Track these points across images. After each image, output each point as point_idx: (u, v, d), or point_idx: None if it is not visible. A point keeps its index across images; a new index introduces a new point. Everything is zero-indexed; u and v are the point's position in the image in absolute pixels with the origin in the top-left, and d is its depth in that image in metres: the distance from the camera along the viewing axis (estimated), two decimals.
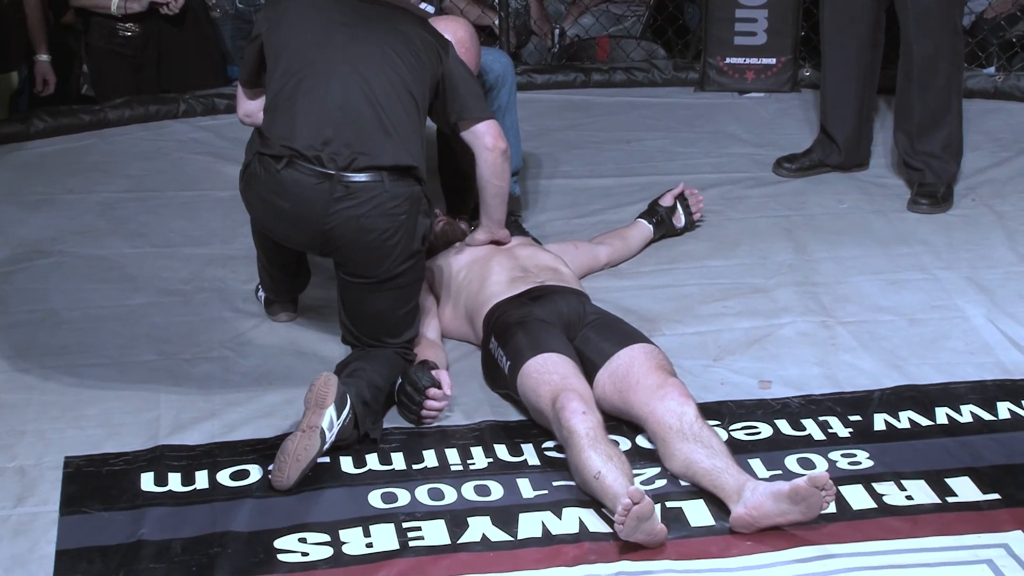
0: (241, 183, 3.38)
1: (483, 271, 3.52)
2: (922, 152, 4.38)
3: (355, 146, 3.22)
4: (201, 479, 2.98)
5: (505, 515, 2.85)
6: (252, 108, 3.45)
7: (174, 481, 2.97)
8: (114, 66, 5.27)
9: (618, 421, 3.14)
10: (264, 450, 3.05)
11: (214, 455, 3.07)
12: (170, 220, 4.34)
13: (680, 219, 4.14)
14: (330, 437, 2.95)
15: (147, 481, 2.97)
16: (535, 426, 3.16)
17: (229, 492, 2.93)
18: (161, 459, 3.05)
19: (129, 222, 4.34)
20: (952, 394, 3.29)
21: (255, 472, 3.00)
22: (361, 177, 3.21)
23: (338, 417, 2.96)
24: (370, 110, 3.24)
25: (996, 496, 2.88)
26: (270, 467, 2.95)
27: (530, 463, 3.04)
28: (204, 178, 4.64)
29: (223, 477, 2.99)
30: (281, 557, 2.73)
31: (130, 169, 4.77)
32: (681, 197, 4.14)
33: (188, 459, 3.05)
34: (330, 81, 3.26)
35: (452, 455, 3.07)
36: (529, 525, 2.82)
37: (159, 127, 5.13)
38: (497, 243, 3.64)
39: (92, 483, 2.96)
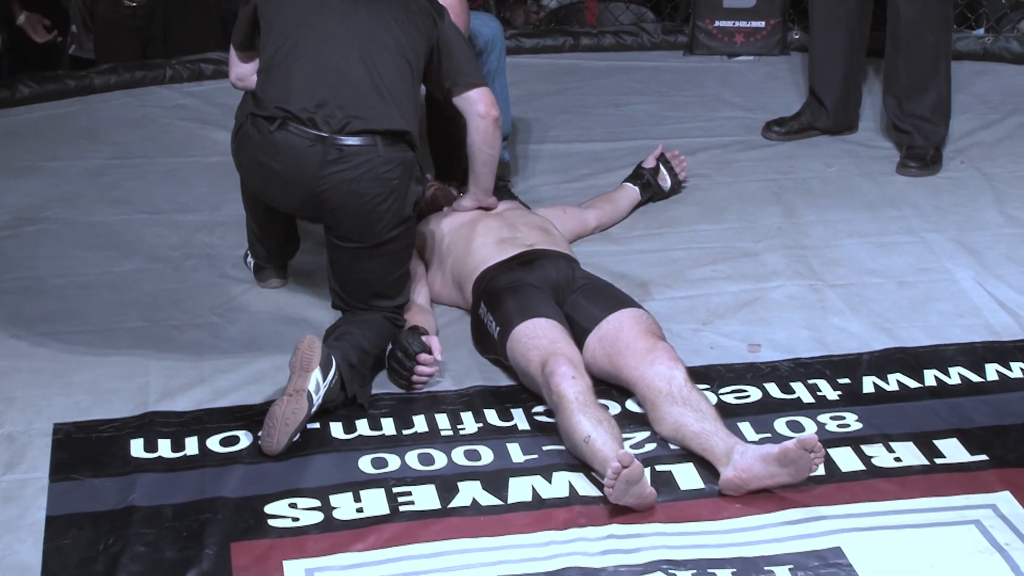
0: (233, 145, 3.37)
1: (469, 234, 3.51)
2: (911, 115, 4.38)
3: (349, 109, 3.21)
4: (191, 445, 2.98)
5: (495, 479, 2.86)
6: (244, 71, 3.44)
7: (164, 447, 2.97)
8: (121, 39, 5.22)
9: (607, 385, 3.14)
10: (253, 416, 3.05)
11: (203, 421, 3.07)
12: (157, 187, 4.32)
13: (666, 180, 4.14)
14: (317, 400, 2.95)
15: (137, 447, 2.97)
16: (525, 391, 3.16)
17: (219, 458, 2.94)
18: (151, 425, 3.05)
19: (116, 189, 4.32)
20: (940, 356, 3.30)
21: (245, 438, 3.00)
22: (354, 140, 3.20)
23: (324, 380, 2.96)
24: (365, 74, 3.23)
25: (984, 457, 2.89)
26: (259, 433, 2.95)
27: (520, 428, 3.05)
28: (191, 144, 4.62)
29: (213, 443, 2.99)
30: (271, 522, 2.73)
31: (117, 136, 4.74)
32: (663, 158, 4.14)
33: (178, 425, 3.05)
34: (326, 44, 3.25)
35: (442, 420, 3.08)
36: (519, 489, 2.83)
37: (145, 93, 5.10)
38: (484, 210, 3.64)
39: (81, 450, 2.97)
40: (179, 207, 4.18)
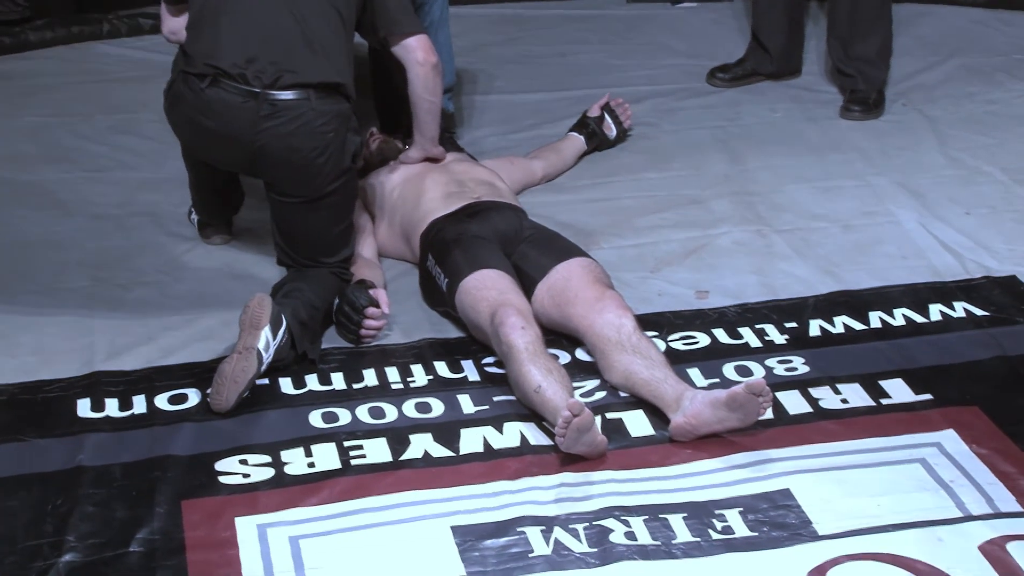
0: (165, 103, 3.34)
1: (417, 188, 3.50)
2: (854, 58, 4.39)
3: (280, 64, 3.18)
4: (139, 404, 2.96)
5: (446, 431, 2.86)
6: (176, 25, 3.40)
7: (111, 407, 2.95)
8: None
9: (557, 335, 3.15)
10: (202, 373, 3.04)
11: (151, 380, 3.05)
12: (99, 144, 4.27)
13: (611, 129, 4.14)
14: (267, 358, 2.94)
15: (84, 407, 2.95)
16: (474, 342, 3.17)
17: (168, 416, 2.92)
18: (97, 385, 3.02)
19: (57, 147, 4.26)
20: (885, 298, 3.33)
21: (193, 396, 2.99)
22: (287, 95, 3.18)
23: (274, 337, 2.95)
24: (295, 27, 3.20)
25: (929, 396, 2.93)
26: (208, 390, 2.94)
27: (470, 379, 3.06)
28: (132, 101, 4.56)
29: (161, 401, 2.97)
30: (222, 479, 2.73)
31: (56, 93, 4.67)
32: (608, 107, 4.14)
33: (125, 384, 3.03)
34: None
35: (392, 373, 3.08)
36: (471, 440, 2.84)
37: (83, 48, 5.02)
38: (432, 160, 3.62)
39: (28, 410, 2.94)
40: (121, 164, 4.14)
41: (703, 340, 3.18)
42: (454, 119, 4.24)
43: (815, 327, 3.21)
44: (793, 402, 2.93)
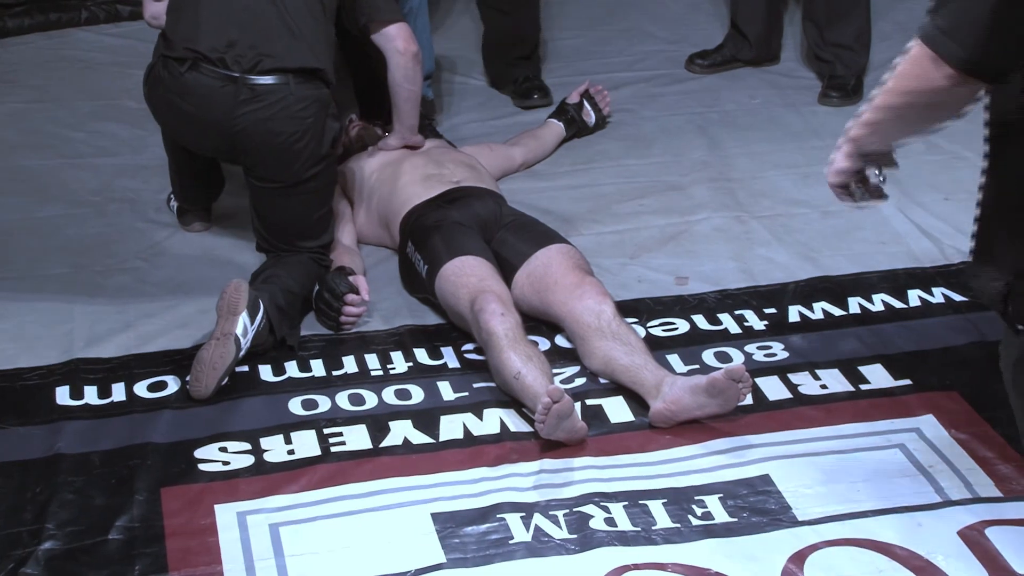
0: (145, 87, 3.34)
1: (395, 173, 3.50)
2: (832, 43, 4.40)
3: (260, 48, 3.18)
4: (118, 391, 2.96)
5: (426, 418, 2.87)
6: (158, 10, 3.39)
7: (90, 394, 2.95)
8: None
9: (537, 322, 3.15)
10: (181, 361, 3.04)
11: (130, 367, 3.04)
12: (78, 130, 4.25)
13: (590, 116, 4.14)
14: (245, 343, 2.94)
15: (63, 395, 2.94)
16: (454, 329, 3.17)
17: (147, 404, 2.92)
18: (76, 372, 3.02)
19: (36, 133, 4.24)
20: (864, 284, 3.34)
21: (172, 383, 2.98)
22: (266, 80, 3.18)
23: (252, 323, 2.95)
24: (275, 12, 3.20)
25: (908, 382, 2.94)
26: (187, 377, 2.93)
27: (450, 366, 3.06)
28: (111, 87, 4.54)
29: (140, 389, 2.97)
30: (202, 467, 2.72)
31: (35, 79, 4.66)
32: (587, 94, 4.14)
33: (104, 371, 3.02)
34: None
35: (372, 360, 3.08)
36: (450, 427, 2.84)
37: (61, 35, 5.00)
38: (411, 148, 3.62)
39: (7, 398, 2.93)
40: (100, 151, 4.12)
41: (682, 326, 3.19)
42: (433, 106, 4.23)
43: (794, 313, 3.22)
44: (772, 388, 2.94)
